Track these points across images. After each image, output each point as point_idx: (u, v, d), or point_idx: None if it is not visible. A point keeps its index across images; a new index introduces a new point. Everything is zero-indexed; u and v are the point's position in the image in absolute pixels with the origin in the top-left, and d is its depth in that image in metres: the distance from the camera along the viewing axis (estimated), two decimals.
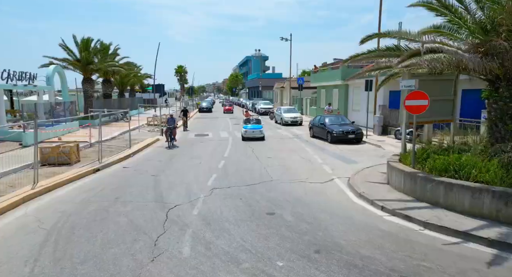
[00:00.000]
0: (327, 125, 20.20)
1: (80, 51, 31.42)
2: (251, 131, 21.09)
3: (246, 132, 21.11)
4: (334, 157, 15.29)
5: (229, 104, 52.14)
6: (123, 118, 35.12)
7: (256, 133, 21.11)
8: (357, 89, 26.00)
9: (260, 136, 21.07)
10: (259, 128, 21.42)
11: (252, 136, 20.98)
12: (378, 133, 21.42)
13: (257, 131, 21.20)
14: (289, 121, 30.13)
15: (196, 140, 21.97)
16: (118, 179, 11.85)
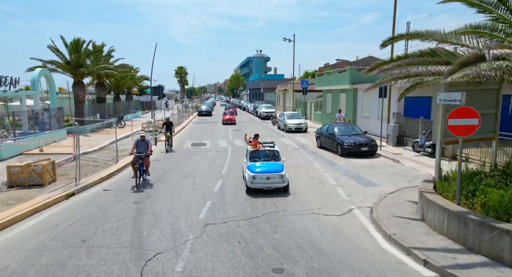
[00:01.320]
0: (336, 136, 18.20)
1: (70, 53, 29.49)
2: (265, 178, 10.96)
3: (254, 178, 10.99)
4: (347, 176, 13.29)
5: (230, 113, 38.57)
6: (116, 124, 33.19)
7: (275, 180, 11.04)
8: (367, 94, 23.98)
9: (282, 186, 11.18)
10: (278, 170, 11.22)
11: (268, 185, 10.99)
12: (393, 144, 19.41)
13: (276, 177, 11.06)
14: (293, 128, 28.14)
15: (192, 151, 19.99)
16: (92, 209, 9.87)
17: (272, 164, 11.73)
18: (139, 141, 13.19)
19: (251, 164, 11.81)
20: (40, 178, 12.40)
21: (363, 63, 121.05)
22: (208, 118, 46.46)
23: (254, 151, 12.63)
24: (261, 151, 12.69)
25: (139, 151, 12.78)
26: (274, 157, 12.54)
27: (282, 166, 11.63)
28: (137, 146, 13.02)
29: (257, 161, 12.04)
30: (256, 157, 12.36)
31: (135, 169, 12.23)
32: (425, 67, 7.51)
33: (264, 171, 11.23)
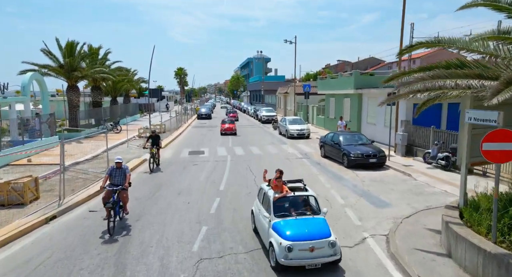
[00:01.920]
0: (342, 145, 17.12)
1: (64, 56, 28.45)
2: (307, 248, 6.90)
3: (291, 249, 6.85)
4: (356, 194, 12.20)
5: (230, 120, 32.30)
6: (112, 129, 32.14)
7: (322, 252, 6.96)
8: (373, 99, 22.92)
9: (333, 259, 7.03)
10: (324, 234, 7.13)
11: (313, 261, 6.91)
12: (401, 154, 18.33)
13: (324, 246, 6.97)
14: (295, 134, 27.06)
15: (189, 161, 18.91)
16: (73, 238, 8.78)
17: (313, 222, 7.40)
18: (113, 169, 10.02)
19: (278, 222, 7.36)
20: (21, 196, 11.33)
21: (364, 64, 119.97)
22: (207, 122, 45.39)
23: (281, 200, 7.92)
24: (290, 199, 8.11)
25: (114, 183, 9.74)
26: (309, 207, 8.11)
27: (326, 225, 7.39)
28: (111, 176, 9.88)
29: (287, 215, 7.62)
30: (283, 209, 7.87)
31: (108, 209, 9.04)
32: (453, 81, 6.44)
33: (304, 236, 6.93)
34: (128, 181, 9.86)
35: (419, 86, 6.77)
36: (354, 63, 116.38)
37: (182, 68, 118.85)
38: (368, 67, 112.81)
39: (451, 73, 6.65)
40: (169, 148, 23.81)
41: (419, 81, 6.89)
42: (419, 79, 6.98)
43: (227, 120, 32.21)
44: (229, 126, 30.23)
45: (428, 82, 6.66)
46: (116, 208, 9.32)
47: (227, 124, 30.70)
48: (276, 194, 7.97)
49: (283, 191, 8.09)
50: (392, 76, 8.13)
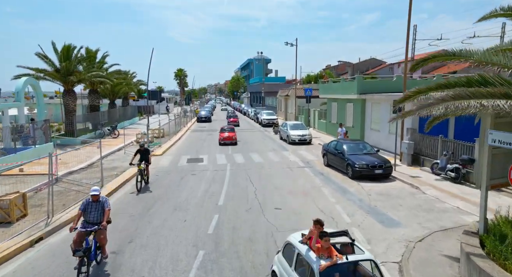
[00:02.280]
0: (346, 155, 16.44)
1: (60, 60, 27.78)
2: None
3: None
4: (363, 210, 11.51)
5: (230, 128, 28.49)
6: (110, 134, 31.46)
7: None
8: (377, 105, 22.25)
9: None
10: None
11: None
12: (407, 163, 17.64)
13: None
14: (297, 140, 26.38)
15: (187, 170, 18.23)
16: (56, 265, 8.09)
17: None
18: (88, 203, 7.79)
19: None
20: (7, 215, 10.66)
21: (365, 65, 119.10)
22: (207, 125, 44.72)
23: (330, 269, 5.48)
24: (344, 267, 5.82)
25: (89, 221, 7.71)
26: None
27: None
28: (85, 211, 7.76)
29: None
30: None
31: (80, 258, 7.06)
32: (478, 101, 5.76)
33: None
34: (107, 218, 7.77)
35: (440, 109, 6.08)
36: (355, 64, 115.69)
37: (182, 69, 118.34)
38: (369, 68, 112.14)
39: (475, 93, 5.98)
40: (168, 155, 23.14)
41: (440, 103, 6.22)
42: (439, 101, 6.31)
43: (227, 128, 28.33)
44: (228, 135, 26.67)
45: (451, 104, 5.98)
46: (90, 256, 7.37)
47: (226, 133, 27.08)
48: (322, 261, 5.52)
49: (332, 255, 5.62)
50: (407, 95, 7.48)
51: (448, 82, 7.04)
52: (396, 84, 23.72)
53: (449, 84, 6.89)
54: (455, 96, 6.07)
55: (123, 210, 12.01)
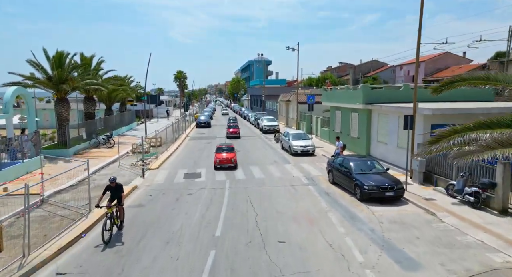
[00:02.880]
0: (353, 174, 15.29)
1: (52, 68, 26.65)
2: None
3: None
4: (377, 245, 10.35)
5: (228, 148, 22.99)
6: (105, 143, 30.32)
7: None
8: (385, 117, 21.10)
9: None
10: None
11: None
12: (419, 181, 16.48)
13: None
14: (299, 151, 25.24)
15: (183, 188, 17.10)
16: None
17: None
18: None
19: None
20: None
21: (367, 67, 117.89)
22: (206, 131, 43.60)
23: None
24: None
25: None
26: None
27: None
28: None
29: None
30: None
31: None
32: None
33: None
34: None
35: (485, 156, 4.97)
36: (357, 66, 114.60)
37: (182, 71, 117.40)
38: (370, 70, 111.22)
39: None
40: (164, 168, 22.00)
41: (486, 150, 5.09)
42: (484, 147, 5.17)
43: (225, 147, 22.89)
44: (226, 157, 21.24)
45: (499, 152, 4.87)
46: None
47: (224, 154, 21.65)
48: None
49: None
50: (440, 135, 6.36)
51: (490, 120, 5.91)
52: (403, 93, 22.60)
53: (492, 124, 5.77)
54: (503, 143, 4.94)
55: (113, 238, 10.84)
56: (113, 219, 11.28)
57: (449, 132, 6.45)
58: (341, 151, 20.72)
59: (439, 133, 6.69)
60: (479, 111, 16.45)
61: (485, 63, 69.76)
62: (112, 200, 11.75)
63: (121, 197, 11.94)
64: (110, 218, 11.09)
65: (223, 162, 21.15)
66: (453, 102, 22.15)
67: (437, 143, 6.74)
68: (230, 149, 22.72)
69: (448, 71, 74.76)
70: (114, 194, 11.86)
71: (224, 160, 21.15)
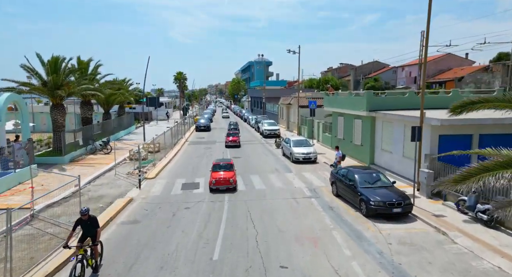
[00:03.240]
0: (359, 187, 14.58)
1: (47, 73, 26.00)
2: None
3: None
4: (386, 272, 9.60)
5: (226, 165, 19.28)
6: (102, 149, 29.63)
7: None
8: (389, 124, 20.39)
9: None
10: None
11: None
12: (427, 195, 15.77)
13: None
14: (301, 158, 24.54)
15: (181, 201, 16.41)
16: None
17: None
18: None
19: None
20: None
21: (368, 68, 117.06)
22: (205, 135, 42.93)
23: None
24: None
25: None
26: None
27: None
28: None
29: None
30: None
31: None
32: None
33: None
34: None
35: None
36: (358, 67, 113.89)
37: (182, 72, 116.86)
38: (371, 71, 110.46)
39: None
40: (161, 178, 21.30)
41: None
42: None
43: (222, 164, 19.16)
44: (224, 176, 17.79)
45: None
46: None
47: (221, 172, 18.23)
48: None
49: None
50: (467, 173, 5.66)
51: None
52: (408, 100, 21.90)
53: None
54: None
55: None
56: (85, 261, 9.09)
57: (478, 170, 5.76)
58: (339, 161, 19.97)
59: (466, 171, 5.99)
60: (491, 121, 15.74)
61: (488, 65, 69.02)
62: (85, 238, 9.69)
63: (95, 234, 9.67)
64: (81, 261, 8.91)
65: (220, 183, 17.55)
66: None
67: (464, 182, 6.04)
68: (228, 166, 18.91)
69: (451, 72, 73.98)
70: (86, 230, 9.70)
71: (220, 181, 17.60)
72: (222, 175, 17.97)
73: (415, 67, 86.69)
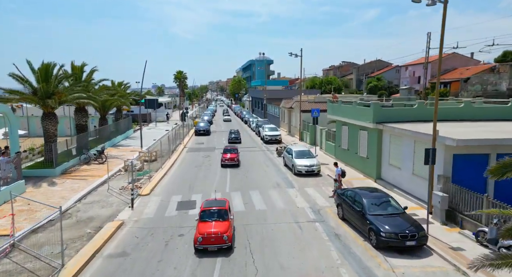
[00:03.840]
0: (367, 215, 13.39)
1: (37, 81, 24.80)
2: None
3: None
4: None
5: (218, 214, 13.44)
6: (96, 159, 28.45)
7: None
8: (397, 139, 19.17)
9: None
10: None
11: None
12: (441, 220, 14.57)
13: None
14: (303, 171, 23.36)
15: (175, 225, 15.26)
16: None
17: None
18: None
19: None
20: None
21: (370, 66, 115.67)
22: (205, 140, 41.75)
23: None
24: None
25: None
26: None
27: None
28: None
29: None
30: None
31: None
32: None
33: None
34: None
35: None
36: (360, 66, 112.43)
37: (182, 71, 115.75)
38: (374, 70, 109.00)
39: None
40: (156, 194, 20.15)
41: None
42: None
43: (215, 210, 13.57)
44: (215, 231, 12.44)
45: None
46: None
47: (211, 222, 12.99)
48: None
49: None
50: None
51: None
52: (417, 111, 20.69)
53: None
54: None
55: None
56: None
57: None
58: (338, 178, 18.72)
59: None
60: (510, 141, 14.52)
61: (495, 65, 67.57)
62: None
63: None
64: None
65: (209, 242, 12.31)
66: (473, 121, 20.23)
67: None
68: (222, 213, 13.43)
69: (456, 72, 72.50)
70: None
71: (211, 238, 12.30)
72: (212, 229, 12.54)
73: (419, 66, 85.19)
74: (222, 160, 26.55)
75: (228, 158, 26.36)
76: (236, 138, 38.57)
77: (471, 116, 20.67)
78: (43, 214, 16.71)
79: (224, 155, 26.68)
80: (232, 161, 26.35)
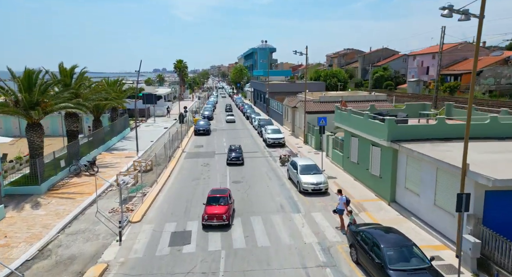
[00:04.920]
0: (388, 269, 11.50)
1: (20, 90, 22.77)
2: None
3: None
4: None
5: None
6: (87, 170, 26.58)
7: None
8: (416, 163, 17.14)
9: None
10: None
11: None
12: (471, 269, 12.68)
13: None
14: (310, 190, 21.46)
15: (165, 271, 13.44)
16: None
17: None
18: None
19: None
20: None
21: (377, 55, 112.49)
22: (204, 142, 39.79)
23: None
24: None
25: None
26: None
27: None
28: None
29: None
30: None
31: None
32: None
33: None
34: None
35: None
36: (366, 54, 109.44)
37: (182, 60, 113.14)
38: (380, 58, 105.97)
39: None
40: (147, 221, 18.29)
41: None
42: None
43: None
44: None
45: None
46: None
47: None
48: None
49: None
50: None
51: None
52: (437, 128, 18.63)
53: None
54: None
55: None
56: None
57: None
58: (345, 206, 16.75)
59: None
60: None
61: (508, 57, 64.68)
62: None
63: None
64: None
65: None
66: (500, 140, 18.17)
67: None
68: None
69: (466, 63, 69.70)
70: None
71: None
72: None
73: (427, 56, 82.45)
74: (203, 217, 16.94)
75: (216, 215, 16.69)
76: (237, 158, 28.84)
77: (498, 134, 18.59)
78: (19, 251, 15.01)
79: (208, 208, 17.17)
80: (219, 221, 16.66)
